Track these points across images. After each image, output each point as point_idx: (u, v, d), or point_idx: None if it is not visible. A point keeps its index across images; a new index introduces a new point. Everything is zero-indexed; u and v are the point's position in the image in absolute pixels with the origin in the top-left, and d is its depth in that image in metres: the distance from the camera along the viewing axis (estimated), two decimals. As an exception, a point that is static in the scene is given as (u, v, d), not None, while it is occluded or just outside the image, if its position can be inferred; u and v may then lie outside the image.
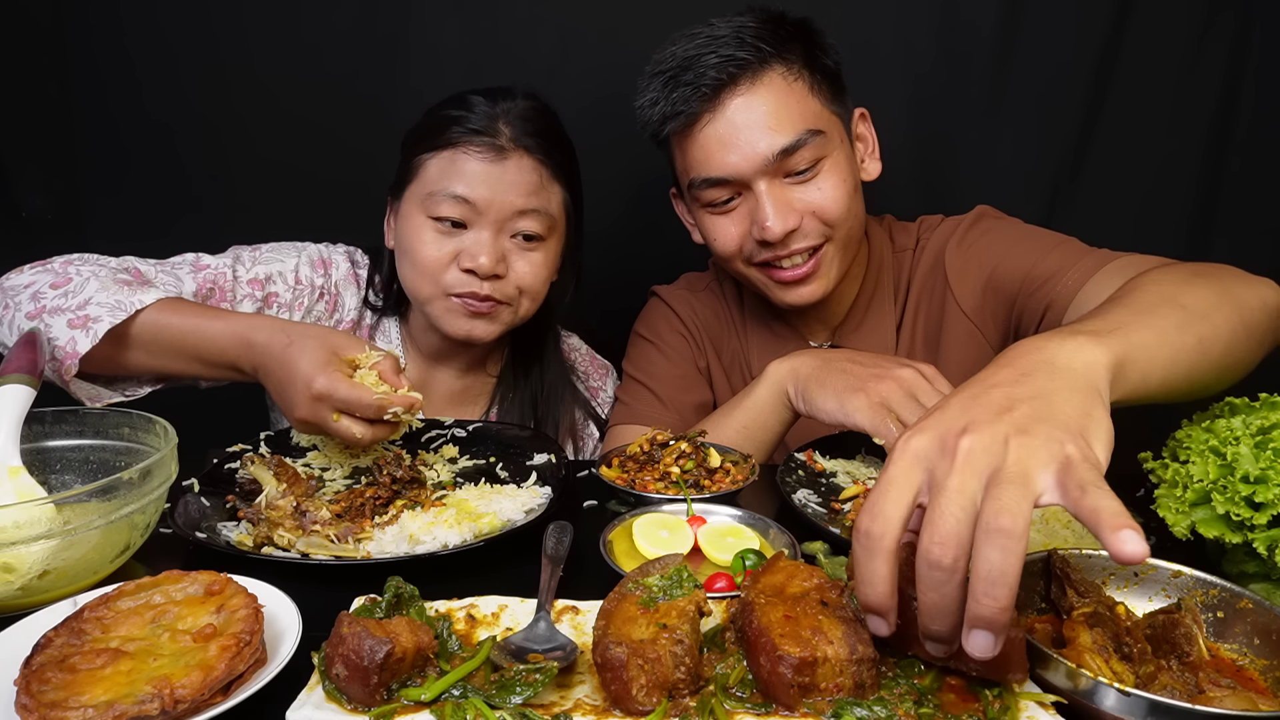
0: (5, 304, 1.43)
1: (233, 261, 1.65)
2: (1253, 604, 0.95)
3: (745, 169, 1.53)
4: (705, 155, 1.55)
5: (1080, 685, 0.84)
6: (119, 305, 1.38)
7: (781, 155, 1.52)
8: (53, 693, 0.80)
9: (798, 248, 1.57)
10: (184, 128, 2.16)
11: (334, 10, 2.10)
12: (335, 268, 1.75)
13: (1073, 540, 1.19)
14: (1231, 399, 1.15)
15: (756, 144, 1.51)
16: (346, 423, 1.28)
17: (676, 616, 0.89)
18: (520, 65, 2.11)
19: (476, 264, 1.56)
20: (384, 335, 1.81)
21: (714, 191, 1.58)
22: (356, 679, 0.83)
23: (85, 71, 2.13)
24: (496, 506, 1.26)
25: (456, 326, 1.63)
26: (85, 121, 2.16)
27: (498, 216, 1.58)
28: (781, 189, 1.55)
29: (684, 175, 1.63)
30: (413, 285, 1.65)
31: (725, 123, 1.53)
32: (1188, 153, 2.06)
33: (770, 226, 1.52)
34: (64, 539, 1.02)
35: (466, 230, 1.59)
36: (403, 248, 1.65)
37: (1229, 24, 1.99)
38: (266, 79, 2.13)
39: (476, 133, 1.57)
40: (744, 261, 1.63)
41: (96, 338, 1.35)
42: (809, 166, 1.55)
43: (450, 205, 1.56)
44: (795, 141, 1.52)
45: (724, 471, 1.36)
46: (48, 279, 1.43)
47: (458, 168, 1.57)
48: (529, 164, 1.60)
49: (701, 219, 1.65)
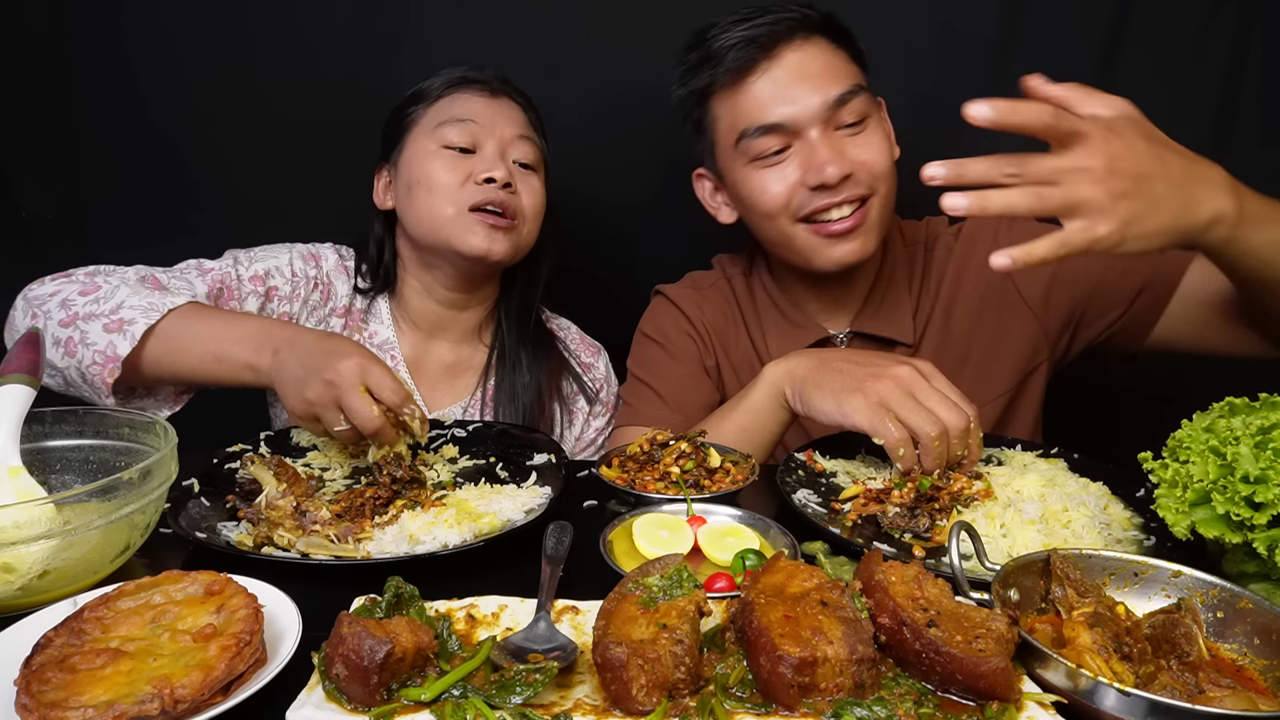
0: (33, 314, 1.47)
1: (232, 263, 1.71)
2: (1253, 604, 0.95)
3: (800, 116, 1.57)
4: (760, 104, 1.59)
5: (1080, 685, 0.84)
6: (151, 306, 1.42)
7: (836, 104, 1.57)
8: (53, 693, 0.80)
9: (848, 195, 1.59)
10: (183, 128, 2.16)
11: (333, 12, 2.10)
12: (324, 260, 1.84)
13: (1072, 540, 1.19)
14: (1232, 399, 1.15)
15: (812, 92, 1.57)
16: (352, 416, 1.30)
17: (676, 616, 0.89)
18: (520, 65, 2.10)
19: (494, 174, 1.69)
20: (376, 315, 1.86)
21: (766, 140, 1.60)
22: (356, 679, 0.83)
23: (85, 73, 2.13)
24: (496, 506, 1.26)
25: (476, 242, 1.69)
26: (85, 123, 2.16)
27: (500, 140, 1.73)
28: (834, 138, 1.59)
29: (730, 131, 1.64)
30: (432, 212, 1.71)
31: (782, 70, 1.58)
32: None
33: (830, 170, 1.55)
34: (64, 539, 1.02)
35: (474, 155, 1.72)
36: (414, 180, 1.73)
37: (1229, 23, 1.99)
38: (266, 80, 2.13)
39: (468, 80, 1.77)
40: (790, 217, 1.63)
41: (135, 339, 1.38)
42: (858, 120, 1.60)
43: (458, 131, 1.71)
44: (848, 91, 1.58)
45: (724, 471, 1.36)
46: (74, 288, 1.47)
47: (459, 103, 1.74)
48: (517, 105, 1.80)
49: (747, 176, 1.65)
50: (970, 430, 1.31)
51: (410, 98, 1.79)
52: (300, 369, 1.35)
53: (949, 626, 0.87)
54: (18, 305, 1.52)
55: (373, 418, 1.29)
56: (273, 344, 1.41)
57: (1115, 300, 1.66)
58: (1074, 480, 1.35)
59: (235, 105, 2.14)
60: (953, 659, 0.84)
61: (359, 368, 1.31)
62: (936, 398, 1.31)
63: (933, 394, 1.32)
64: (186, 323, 1.45)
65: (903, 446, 1.30)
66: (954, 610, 0.91)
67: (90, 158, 2.18)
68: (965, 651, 0.84)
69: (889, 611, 0.89)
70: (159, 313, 1.42)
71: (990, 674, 0.83)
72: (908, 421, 1.30)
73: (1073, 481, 1.35)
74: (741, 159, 1.64)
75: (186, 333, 1.44)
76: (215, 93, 2.14)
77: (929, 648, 0.86)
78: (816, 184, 1.57)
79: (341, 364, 1.30)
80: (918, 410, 1.30)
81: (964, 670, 0.84)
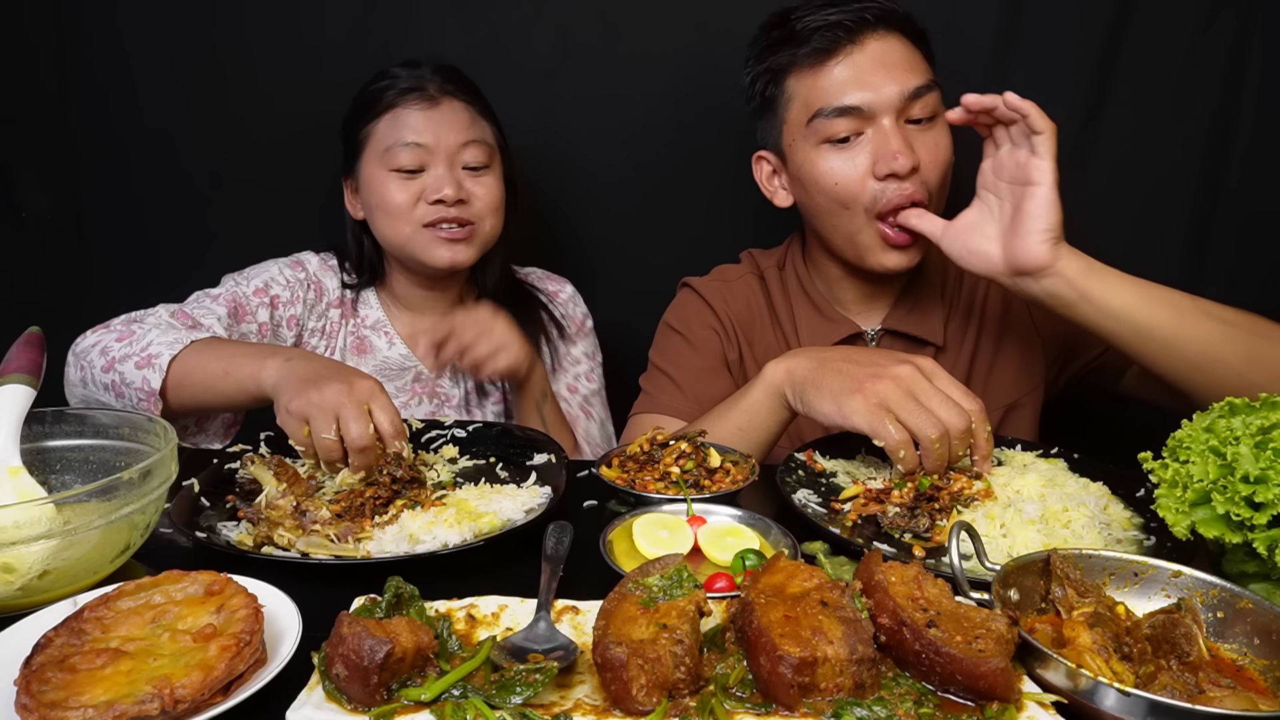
0: (80, 367, 1.57)
1: (234, 284, 1.81)
2: (1253, 604, 0.95)
3: (877, 103, 1.59)
4: (838, 86, 1.61)
5: (1080, 685, 0.84)
6: (177, 340, 1.53)
7: (912, 96, 1.59)
8: (53, 693, 0.80)
9: (912, 191, 1.60)
10: (183, 128, 2.16)
11: (333, 13, 2.09)
12: (308, 263, 1.93)
13: (1073, 540, 1.19)
14: (1232, 399, 1.15)
15: (891, 81, 1.59)
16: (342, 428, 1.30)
17: (676, 616, 0.89)
18: (519, 66, 2.11)
19: (442, 194, 1.75)
20: (365, 302, 1.95)
21: (839, 123, 1.60)
22: (356, 679, 0.83)
23: (85, 73, 2.13)
24: (496, 506, 1.26)
25: (439, 255, 1.79)
26: (85, 123, 2.16)
27: (447, 153, 1.77)
28: (905, 129, 1.61)
29: (804, 110, 1.64)
30: (391, 232, 1.80)
31: (864, 55, 1.60)
32: (1188, 153, 2.06)
33: (901, 160, 1.57)
34: (64, 539, 1.02)
35: (424, 172, 1.77)
36: (373, 205, 1.81)
37: (1230, 23, 1.99)
38: (265, 80, 2.13)
39: (408, 90, 1.78)
40: (867, 211, 1.63)
41: (162, 370, 1.48)
42: (929, 117, 1.62)
43: (406, 154, 1.76)
44: (924, 85, 1.60)
45: (724, 471, 1.36)
46: (112, 336, 1.58)
47: (402, 122, 1.77)
48: (459, 105, 1.81)
49: (816, 157, 1.65)
50: (973, 429, 1.31)
51: (358, 109, 1.83)
52: (311, 372, 1.38)
53: (949, 627, 0.88)
54: (69, 361, 1.60)
55: (366, 434, 1.30)
56: (285, 354, 1.47)
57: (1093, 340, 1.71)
58: (1074, 480, 1.35)
59: (235, 105, 2.14)
60: (952, 659, 0.84)
61: (371, 388, 1.35)
62: (938, 398, 1.30)
63: (934, 394, 1.31)
64: (205, 347, 1.53)
65: (903, 449, 1.29)
66: (954, 610, 0.91)
67: (90, 158, 2.18)
68: (965, 652, 0.84)
69: (889, 612, 0.89)
70: (182, 344, 1.52)
71: (990, 674, 0.83)
72: (908, 423, 1.29)
73: (1073, 481, 1.34)
74: (812, 139, 1.64)
75: (203, 356, 1.51)
76: (215, 93, 2.14)
77: (929, 648, 0.86)
78: (886, 173, 1.59)
79: (357, 379, 1.36)
80: (919, 412, 1.29)
81: (964, 670, 0.84)
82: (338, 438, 1.30)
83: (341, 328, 1.91)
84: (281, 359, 1.44)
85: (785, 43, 1.65)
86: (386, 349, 1.91)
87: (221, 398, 1.50)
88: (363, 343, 1.91)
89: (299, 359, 1.44)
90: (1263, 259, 2.08)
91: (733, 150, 2.13)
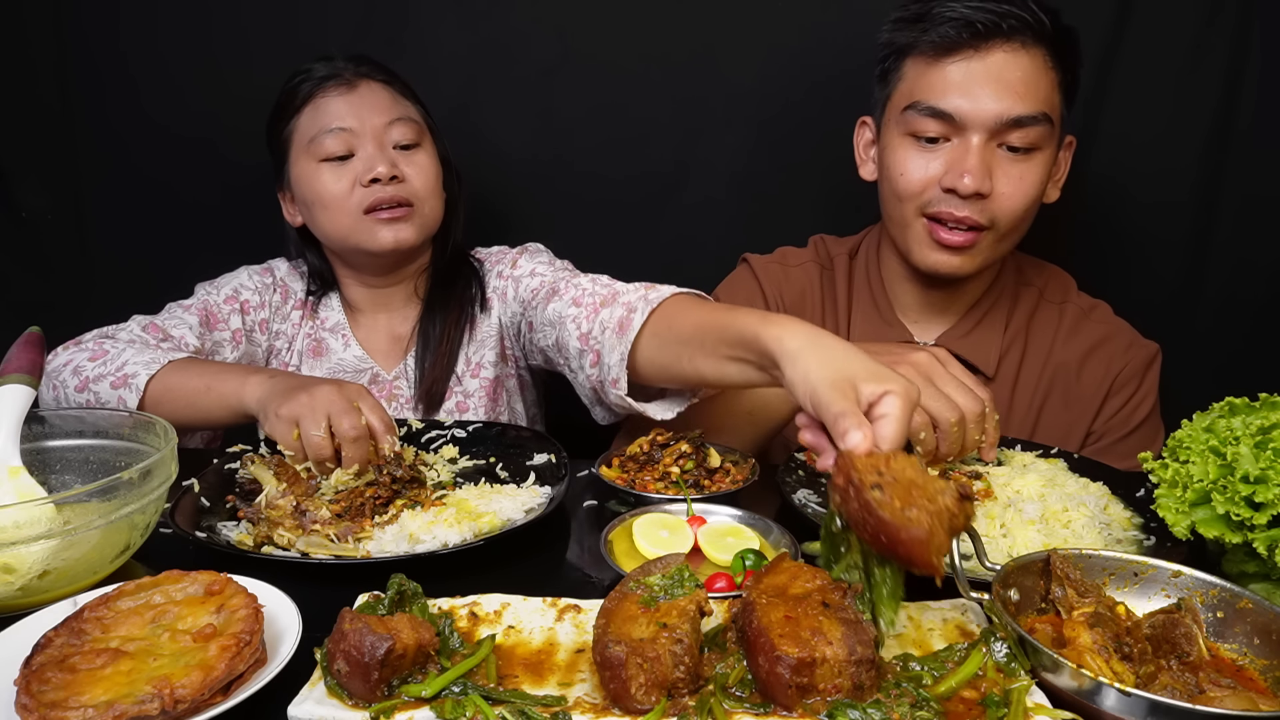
0: (53, 386, 1.58)
1: (205, 294, 1.82)
2: (1253, 604, 0.95)
3: (971, 116, 1.53)
4: (944, 87, 1.54)
5: (1081, 685, 0.84)
6: (153, 360, 1.54)
7: (1011, 124, 1.52)
8: (53, 693, 0.80)
9: (969, 216, 1.56)
10: (182, 128, 2.16)
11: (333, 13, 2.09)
12: (277, 269, 1.93)
13: (1073, 540, 1.19)
14: (1232, 399, 1.15)
15: (996, 99, 1.51)
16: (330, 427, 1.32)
17: (677, 616, 0.89)
18: (520, 66, 2.11)
19: (376, 173, 1.71)
20: (326, 305, 1.92)
21: (929, 123, 1.56)
22: (358, 675, 0.84)
23: (84, 72, 2.13)
24: (496, 506, 1.26)
25: (382, 239, 1.75)
26: (85, 122, 2.16)
27: (373, 133, 1.74)
28: (992, 153, 1.55)
29: (905, 96, 1.60)
30: (332, 225, 1.76)
31: (981, 64, 1.52)
32: (1188, 153, 2.06)
33: (967, 180, 1.52)
34: (64, 539, 1.02)
35: (353, 156, 1.74)
36: (309, 200, 1.78)
37: (1229, 23, 1.99)
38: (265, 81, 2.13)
39: (324, 79, 1.76)
40: (917, 208, 1.62)
41: (139, 390, 1.49)
42: (1024, 149, 1.55)
43: (332, 140, 1.72)
44: (1030, 116, 1.52)
45: (724, 471, 1.36)
46: (84, 355, 1.58)
47: (323, 110, 1.74)
48: (377, 86, 1.78)
49: (897, 146, 1.63)
50: (986, 415, 1.31)
51: (277, 112, 1.80)
52: (299, 381, 1.42)
53: (895, 493, 0.86)
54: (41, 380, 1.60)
55: (357, 425, 1.32)
56: (268, 372, 1.51)
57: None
58: (1074, 480, 1.35)
59: (235, 105, 2.14)
60: (881, 522, 0.85)
61: (359, 389, 1.39)
62: (954, 384, 1.31)
63: (949, 380, 1.32)
64: (184, 366, 1.55)
65: (924, 431, 1.29)
66: (911, 480, 0.88)
67: (90, 158, 2.18)
68: (894, 516, 0.84)
69: (844, 472, 0.89)
70: (160, 364, 1.53)
71: (908, 541, 0.84)
72: (927, 407, 1.29)
73: (1073, 481, 1.35)
74: (901, 127, 1.61)
75: (183, 374, 1.53)
76: (215, 93, 2.14)
77: (865, 508, 0.86)
78: (949, 187, 1.55)
79: (345, 383, 1.40)
80: (937, 396, 1.30)
81: (888, 534, 0.85)
82: (328, 435, 1.31)
83: (300, 330, 1.89)
84: (265, 375, 1.48)
85: (917, 22, 1.57)
86: (342, 350, 1.87)
87: (202, 414, 1.51)
88: (319, 345, 1.88)
89: (282, 375, 1.49)
90: (1263, 259, 2.07)
91: (733, 152, 2.14)
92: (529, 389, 1.99)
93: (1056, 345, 1.76)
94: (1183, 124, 2.04)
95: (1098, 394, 1.73)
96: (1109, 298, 1.82)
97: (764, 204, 2.17)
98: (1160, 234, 2.11)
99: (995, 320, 1.76)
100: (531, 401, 2.00)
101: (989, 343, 1.75)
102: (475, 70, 2.11)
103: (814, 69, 2.05)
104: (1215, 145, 2.04)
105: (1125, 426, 1.72)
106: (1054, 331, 1.77)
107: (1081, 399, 1.74)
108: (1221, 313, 2.10)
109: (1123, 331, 1.77)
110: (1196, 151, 2.06)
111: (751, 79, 2.08)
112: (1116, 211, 2.11)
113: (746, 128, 2.12)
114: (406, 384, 1.87)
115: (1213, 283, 2.09)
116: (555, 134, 2.15)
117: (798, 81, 2.07)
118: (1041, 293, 1.80)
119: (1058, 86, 1.57)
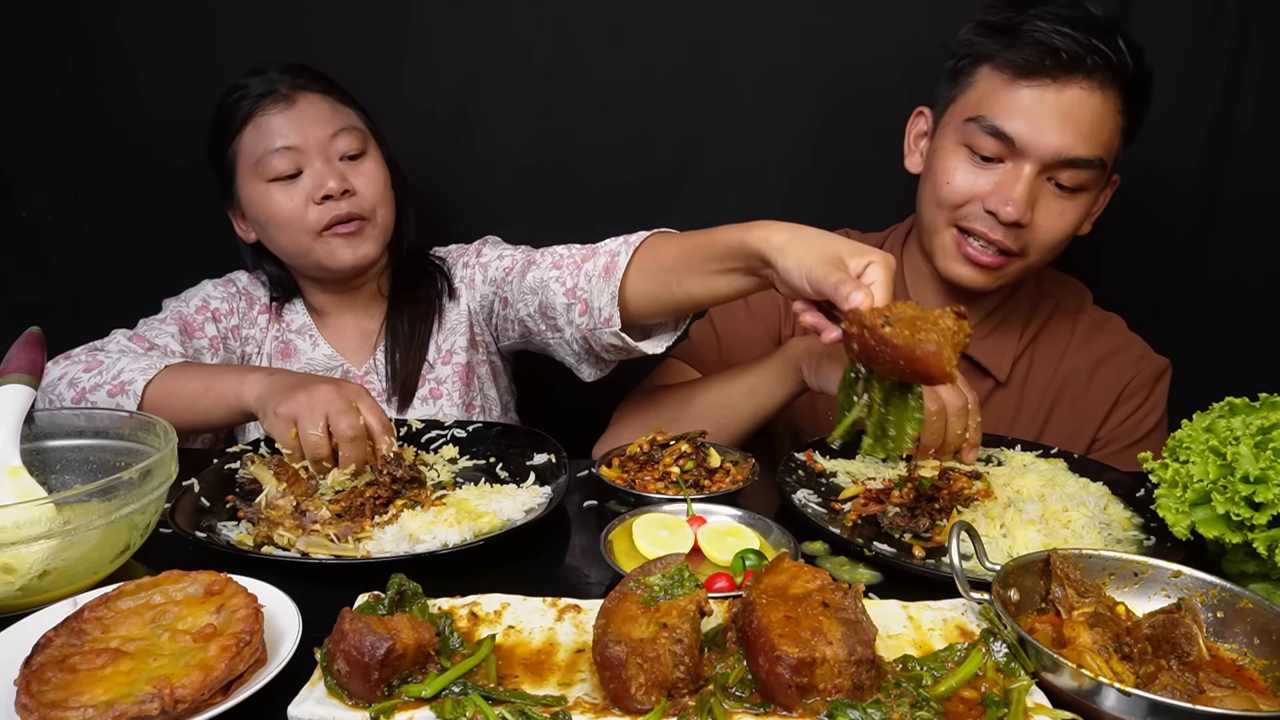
0: (49, 400, 1.58)
1: (176, 306, 1.83)
2: (1253, 604, 0.95)
3: (1029, 144, 1.51)
4: (1013, 109, 1.52)
5: (1081, 685, 0.84)
6: (149, 367, 1.55)
7: (1065, 163, 1.51)
8: (53, 693, 0.80)
9: (1000, 239, 1.56)
10: (182, 128, 2.15)
11: (333, 12, 2.09)
12: (238, 279, 1.93)
13: (1073, 540, 1.19)
14: (1232, 399, 1.15)
15: (1060, 135, 1.50)
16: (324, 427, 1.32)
17: (677, 616, 0.89)
18: (519, 66, 2.10)
19: (327, 189, 1.70)
20: (291, 308, 1.91)
21: (989, 141, 1.55)
22: (358, 675, 0.84)
23: (84, 72, 2.12)
24: (496, 506, 1.26)
25: (343, 257, 1.75)
26: (85, 122, 2.16)
27: (319, 148, 1.72)
28: (1039, 186, 1.54)
29: (969, 106, 1.59)
30: (288, 244, 1.76)
31: (1054, 97, 1.50)
32: (1188, 152, 2.06)
33: (1010, 210, 1.52)
34: (64, 539, 1.02)
35: (301, 175, 1.72)
36: (262, 221, 1.77)
37: (1229, 23, 1.99)
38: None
39: (262, 96, 1.74)
40: (953, 218, 1.62)
41: (137, 395, 1.50)
42: (1070, 188, 1.55)
43: (279, 160, 1.71)
44: (1086, 160, 1.52)
45: (724, 471, 1.36)
46: (79, 367, 1.59)
47: (264, 129, 1.72)
48: (316, 98, 1.76)
49: (949, 154, 1.62)
50: (970, 411, 1.31)
51: (217, 130, 1.78)
52: (297, 379, 1.43)
53: (901, 326, 1.01)
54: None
55: (355, 425, 1.32)
56: (265, 370, 1.51)
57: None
58: (1074, 480, 1.35)
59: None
60: (896, 348, 0.99)
61: (358, 389, 1.39)
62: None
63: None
64: (180, 370, 1.56)
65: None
66: (913, 316, 1.03)
67: (90, 158, 2.18)
68: (906, 341, 0.98)
69: (856, 323, 1.03)
70: (156, 369, 1.54)
71: (924, 357, 0.97)
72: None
73: (1073, 481, 1.35)
74: (959, 135, 1.60)
75: (180, 378, 1.54)
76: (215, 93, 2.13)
77: (880, 341, 1.00)
78: (991, 210, 1.55)
79: (343, 382, 1.40)
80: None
81: (904, 355, 0.98)
82: (325, 434, 1.31)
83: (267, 334, 1.89)
84: (264, 373, 1.48)
85: (1003, 33, 1.54)
86: (311, 351, 1.87)
87: (202, 415, 1.51)
88: (288, 347, 1.88)
89: (281, 373, 1.50)
90: (1263, 258, 2.08)
91: (733, 154, 2.14)
92: (501, 376, 1.99)
93: (1068, 353, 1.77)
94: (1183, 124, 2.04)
95: (1106, 402, 1.74)
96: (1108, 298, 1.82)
97: (764, 204, 2.17)
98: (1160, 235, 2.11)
99: (1012, 327, 1.77)
100: (504, 389, 2.01)
101: (1004, 348, 1.76)
102: (475, 70, 2.11)
103: (814, 70, 2.05)
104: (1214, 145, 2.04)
105: (1131, 435, 1.72)
106: (1067, 340, 1.78)
107: (1089, 406, 1.75)
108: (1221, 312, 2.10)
109: (1135, 344, 1.78)
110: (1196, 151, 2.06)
111: (752, 80, 2.08)
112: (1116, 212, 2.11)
113: (747, 129, 2.12)
114: (378, 378, 1.88)
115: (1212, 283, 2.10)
116: (555, 135, 2.15)
117: (798, 83, 2.07)
118: (1059, 303, 1.81)
119: (1119, 131, 1.56)
